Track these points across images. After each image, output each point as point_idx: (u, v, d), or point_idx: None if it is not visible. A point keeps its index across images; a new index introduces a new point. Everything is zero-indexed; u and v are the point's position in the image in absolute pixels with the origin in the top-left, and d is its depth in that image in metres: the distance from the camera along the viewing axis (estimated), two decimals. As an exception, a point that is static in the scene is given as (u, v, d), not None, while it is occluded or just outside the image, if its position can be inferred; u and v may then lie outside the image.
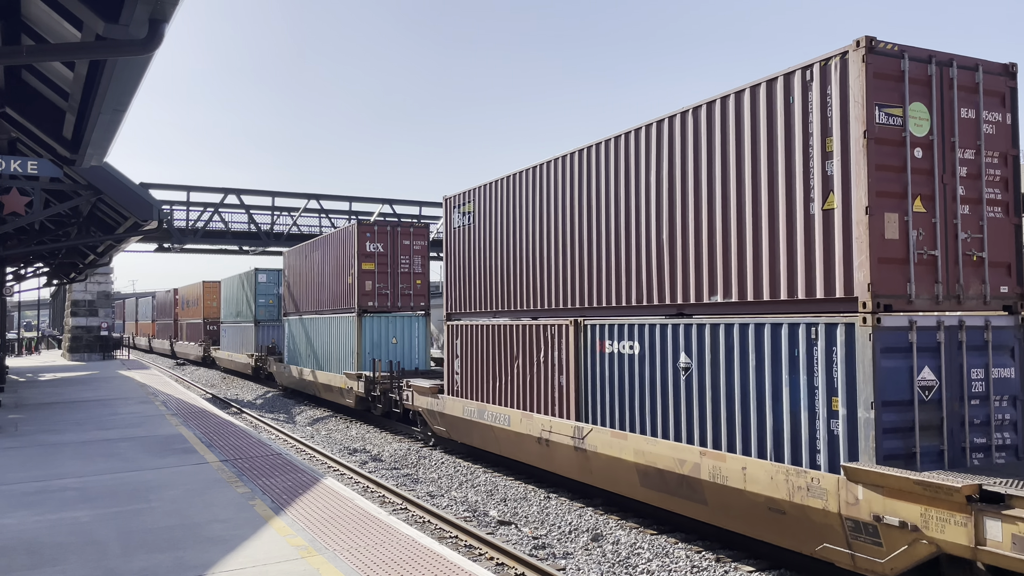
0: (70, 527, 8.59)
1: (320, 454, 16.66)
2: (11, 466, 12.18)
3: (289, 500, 9.75)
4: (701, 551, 9.63)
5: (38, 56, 9.62)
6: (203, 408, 19.78)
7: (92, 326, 42.51)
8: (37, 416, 18.26)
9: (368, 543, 7.94)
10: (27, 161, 14.45)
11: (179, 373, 42.42)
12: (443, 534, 10.73)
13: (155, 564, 7.27)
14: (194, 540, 8.03)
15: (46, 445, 14.12)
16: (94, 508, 9.43)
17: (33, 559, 7.48)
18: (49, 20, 10.29)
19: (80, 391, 24.42)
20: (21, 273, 36.96)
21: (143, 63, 9.26)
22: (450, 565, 7.24)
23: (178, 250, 40.38)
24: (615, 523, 10.93)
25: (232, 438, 14.73)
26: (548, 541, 10.39)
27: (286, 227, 41.39)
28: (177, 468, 11.81)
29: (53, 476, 11.36)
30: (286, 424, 22.53)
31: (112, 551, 7.70)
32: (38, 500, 9.90)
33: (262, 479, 11.00)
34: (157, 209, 20.15)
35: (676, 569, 9.05)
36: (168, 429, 15.93)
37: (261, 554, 7.54)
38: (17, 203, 17.07)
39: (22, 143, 17.12)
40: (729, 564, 9.15)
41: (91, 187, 19.32)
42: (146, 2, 7.50)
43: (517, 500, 12.44)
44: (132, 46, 8.08)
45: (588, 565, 9.34)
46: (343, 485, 10.83)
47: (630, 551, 9.74)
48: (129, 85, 10.00)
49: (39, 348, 59.73)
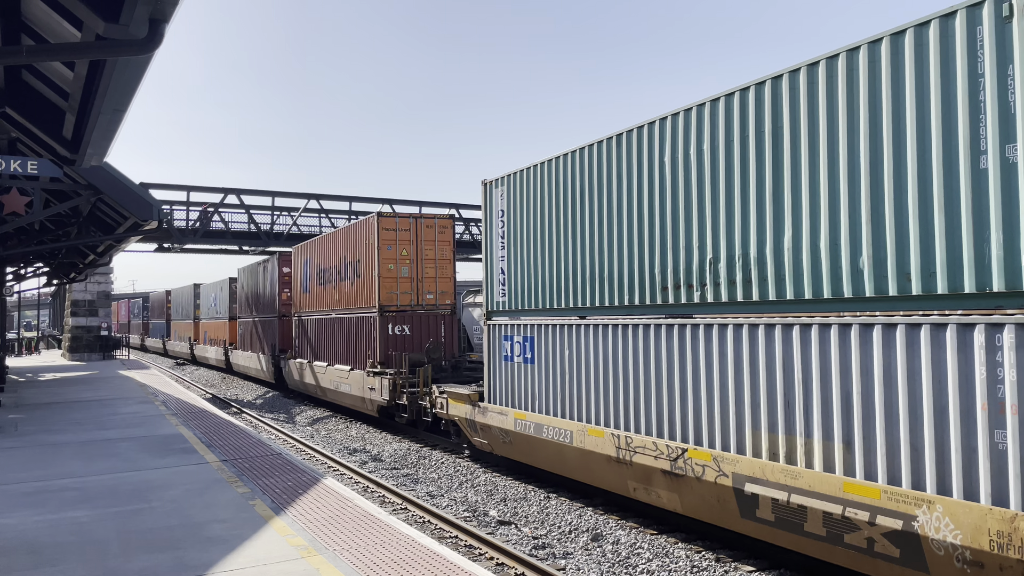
0: (70, 527, 8.59)
1: (320, 454, 16.66)
2: (11, 466, 12.18)
3: (289, 500, 9.75)
4: (701, 551, 9.63)
5: (38, 56, 9.62)
6: (203, 408, 19.78)
7: (92, 326, 42.50)
8: (37, 416, 18.26)
9: (368, 543, 7.94)
10: (27, 161, 14.45)
11: (179, 373, 42.42)
12: (443, 534, 10.73)
13: (155, 564, 7.27)
14: (194, 540, 8.03)
15: (46, 445, 14.12)
16: (94, 508, 9.43)
17: (33, 559, 7.48)
18: (49, 20, 10.30)
19: (80, 391, 24.41)
20: (21, 273, 36.97)
21: (143, 63, 9.27)
22: (450, 565, 7.24)
23: (178, 250, 40.42)
24: (615, 523, 10.93)
25: (232, 438, 14.73)
26: (548, 541, 10.39)
27: (286, 227, 41.45)
28: (177, 468, 11.81)
29: (53, 476, 11.36)
30: (286, 424, 22.53)
31: (112, 551, 7.70)
32: (38, 500, 9.90)
33: (262, 479, 11.00)
34: (157, 209, 20.16)
35: (676, 569, 9.06)
36: (168, 429, 15.93)
37: (261, 554, 7.54)
38: (17, 203, 17.09)
39: (22, 143, 17.13)
40: (729, 564, 9.15)
41: (91, 187, 19.33)
42: (146, 2, 7.51)
43: (517, 500, 12.44)
44: (132, 46, 8.10)
45: (588, 565, 9.34)
46: (343, 485, 10.83)
47: (630, 551, 9.74)
48: (129, 85, 10.01)
49: (39, 348, 59.72)
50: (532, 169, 12.95)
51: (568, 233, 12.07)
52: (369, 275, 20.62)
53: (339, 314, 23.06)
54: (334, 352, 23.51)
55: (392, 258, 20.21)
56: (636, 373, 10.53)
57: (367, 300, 20.79)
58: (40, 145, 16.16)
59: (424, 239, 20.57)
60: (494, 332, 13.89)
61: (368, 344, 20.67)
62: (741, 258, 9.03)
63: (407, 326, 20.28)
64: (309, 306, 26.30)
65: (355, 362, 21.58)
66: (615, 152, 11.02)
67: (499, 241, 13.96)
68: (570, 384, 11.92)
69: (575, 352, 11.78)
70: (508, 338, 13.49)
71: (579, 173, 11.79)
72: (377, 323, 20.11)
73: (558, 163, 12.31)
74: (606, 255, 11.26)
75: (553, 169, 12.41)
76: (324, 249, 24.84)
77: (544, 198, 12.64)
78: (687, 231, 9.83)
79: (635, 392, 10.53)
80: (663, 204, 10.22)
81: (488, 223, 14.28)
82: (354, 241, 21.91)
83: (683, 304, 9.84)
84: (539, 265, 12.79)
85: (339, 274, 23.18)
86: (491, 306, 14.16)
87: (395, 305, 20.16)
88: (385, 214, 20.41)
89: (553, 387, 12.28)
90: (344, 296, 22.68)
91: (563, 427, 11.74)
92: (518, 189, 13.34)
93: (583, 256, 11.76)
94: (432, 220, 20.78)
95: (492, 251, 14.16)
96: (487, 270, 14.23)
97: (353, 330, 21.86)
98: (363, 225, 21.20)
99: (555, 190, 12.37)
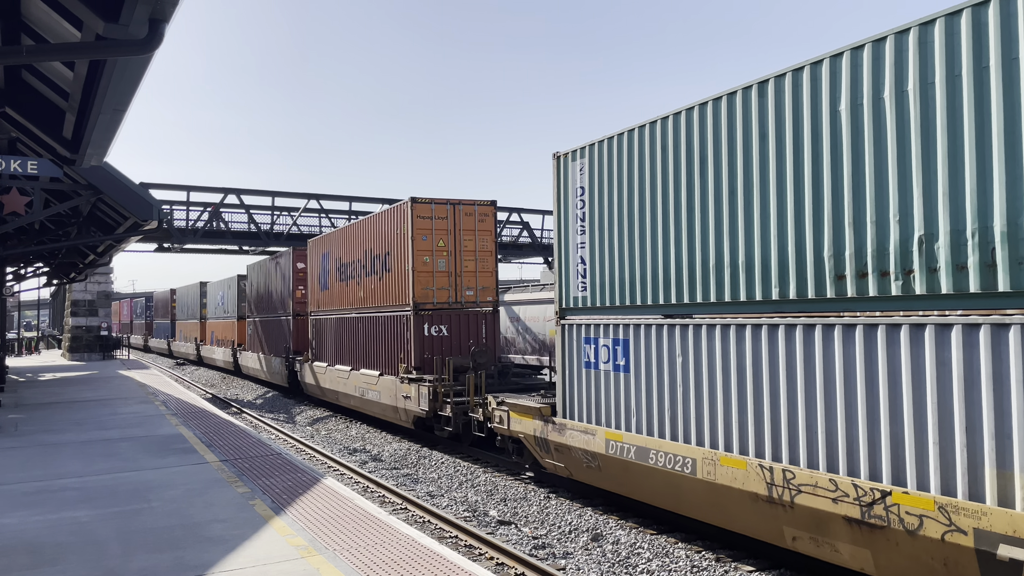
0: (70, 527, 8.59)
1: (320, 454, 16.66)
2: (11, 466, 12.18)
3: (289, 500, 9.75)
4: (701, 551, 9.63)
5: (38, 56, 9.63)
6: (203, 408, 19.78)
7: (92, 326, 42.51)
8: (37, 416, 18.26)
9: (368, 543, 7.94)
10: (27, 161, 14.45)
11: (179, 373, 42.42)
12: (443, 534, 10.73)
13: (155, 564, 7.27)
14: (194, 540, 8.03)
15: (46, 445, 14.12)
16: (94, 508, 9.43)
17: (33, 559, 7.48)
18: (49, 20, 10.30)
19: (80, 391, 24.41)
20: (21, 273, 36.97)
21: (143, 63, 9.27)
22: (450, 565, 7.24)
23: (178, 250, 40.47)
24: (615, 523, 10.93)
25: (232, 438, 14.73)
26: (548, 541, 10.39)
27: (286, 227, 41.50)
28: (177, 468, 11.81)
29: (53, 476, 11.36)
30: (286, 424, 22.53)
31: (112, 551, 7.70)
32: (38, 500, 9.90)
33: (262, 479, 11.00)
34: (157, 209, 20.16)
35: (676, 569, 9.06)
36: (168, 429, 15.93)
37: (261, 554, 7.54)
38: (17, 203, 17.10)
39: (22, 143, 17.13)
40: (729, 564, 9.15)
41: (91, 187, 19.33)
42: (146, 2, 7.51)
43: (517, 500, 12.44)
44: (132, 46, 8.10)
45: (588, 565, 9.34)
46: (343, 485, 10.83)
47: (630, 551, 9.75)
48: (129, 85, 10.02)
49: (39, 348, 59.73)
50: (624, 136, 10.80)
51: (681, 211, 9.77)
52: (401, 269, 18.53)
53: (364, 313, 21.01)
54: (358, 355, 21.49)
55: (427, 249, 18.07)
56: (799, 389, 8.15)
57: (399, 297, 18.73)
58: (40, 145, 16.16)
59: (463, 228, 18.44)
60: (571, 334, 11.77)
61: (400, 346, 18.64)
62: (979, 233, 6.62)
63: (444, 326, 18.29)
64: (328, 304, 24.25)
65: (384, 367, 19.57)
66: (755, 104, 8.76)
67: (577, 225, 11.69)
68: (687, 398, 9.56)
69: (695, 359, 9.47)
70: (591, 341, 11.33)
71: (697, 135, 9.53)
72: (411, 323, 17.99)
73: (665, 126, 10.10)
74: (742, 237, 8.87)
75: (657, 133, 10.19)
76: (346, 241, 22.61)
77: (644, 169, 10.40)
78: (878, 201, 7.43)
79: (800, 414, 8.14)
80: (837, 166, 7.84)
81: (562, 204, 12.06)
82: (383, 231, 19.69)
83: (871, 298, 7.49)
84: (636, 252, 10.52)
85: (364, 269, 21.04)
86: (565, 302, 11.93)
87: (431, 303, 18.07)
88: (420, 199, 18.05)
89: (660, 401, 9.99)
90: (371, 293, 20.60)
91: (680, 453, 9.43)
92: (606, 160, 11.13)
93: (704, 238, 9.41)
94: (471, 207, 18.60)
95: (567, 237, 11.93)
96: (560, 260, 12.04)
97: (381, 331, 19.85)
98: (394, 213, 18.97)
99: (660, 159, 10.13)
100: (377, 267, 20.13)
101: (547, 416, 12.13)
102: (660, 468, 9.72)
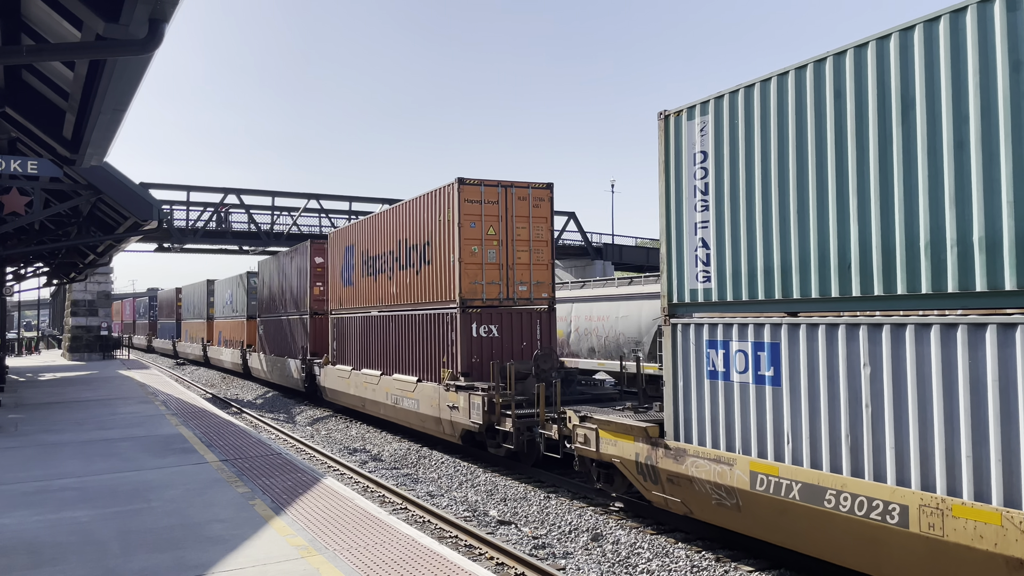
0: (70, 527, 8.59)
1: (320, 454, 16.66)
2: (11, 466, 12.19)
3: (289, 500, 9.75)
4: (701, 551, 9.63)
5: (38, 56, 9.64)
6: (203, 408, 19.78)
7: (92, 326, 42.53)
8: (37, 416, 18.27)
9: (368, 543, 7.95)
10: (27, 161, 14.47)
11: (179, 373, 42.43)
12: (443, 534, 10.74)
13: (155, 564, 7.27)
14: (194, 540, 8.03)
15: (46, 445, 14.12)
16: (94, 508, 9.43)
17: (33, 559, 7.48)
18: (49, 20, 10.31)
19: (80, 391, 24.42)
20: (21, 273, 36.98)
21: (143, 63, 9.28)
22: (450, 565, 7.24)
23: (178, 250, 40.52)
24: (615, 523, 10.93)
25: (232, 438, 14.74)
26: (548, 541, 10.39)
27: (286, 227, 41.54)
28: (177, 468, 11.81)
29: (53, 476, 11.36)
30: (286, 424, 22.54)
31: (112, 551, 7.70)
32: (38, 500, 9.90)
33: (262, 479, 11.00)
34: (157, 209, 20.18)
35: (676, 569, 9.06)
36: (168, 429, 15.93)
37: (261, 554, 7.54)
38: (17, 203, 17.11)
39: (22, 143, 17.14)
40: (729, 564, 9.16)
41: (91, 187, 19.35)
42: (146, 2, 7.53)
43: (517, 500, 12.44)
44: (132, 46, 8.11)
45: (588, 565, 9.34)
46: (343, 485, 10.84)
47: (630, 551, 9.75)
48: (129, 85, 10.03)
49: (39, 348, 59.77)
50: (773, 82, 8.40)
51: (868, 170, 7.38)
52: (446, 260, 16.31)
53: (397, 311, 18.77)
54: (389, 358, 19.23)
55: (476, 238, 15.82)
56: None
57: (442, 293, 16.51)
58: (40, 145, 16.17)
59: (515, 214, 16.15)
60: (688, 336, 9.46)
61: (442, 349, 16.45)
62: None
63: (495, 326, 16.03)
64: (352, 302, 22.00)
65: (422, 372, 17.34)
66: (971, 32, 6.50)
67: (697, 200, 9.43)
68: (878, 422, 7.23)
69: (894, 370, 7.11)
70: (719, 345, 9.07)
71: (898, 72, 7.10)
72: (457, 322, 15.76)
73: (840, 64, 7.65)
74: (976, 203, 6.46)
75: (827, 74, 7.76)
76: (374, 232, 20.45)
77: (805, 121, 8.02)
78: None
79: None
80: None
81: (672, 175, 9.78)
82: (422, 218, 17.45)
83: None
84: (792, 229, 8.14)
85: (398, 261, 18.84)
86: (678, 296, 9.62)
87: (479, 299, 15.80)
88: (468, 180, 15.80)
89: (833, 424, 7.65)
90: (405, 288, 18.40)
91: (880, 497, 7.06)
92: (742, 115, 8.78)
93: (910, 206, 7.01)
94: (525, 190, 16.23)
95: (679, 215, 9.66)
96: (670, 243, 9.77)
97: (419, 331, 17.62)
98: (438, 196, 16.69)
99: (833, 107, 7.73)
100: (414, 259, 17.93)
101: (654, 438, 9.86)
102: (843, 514, 7.37)
